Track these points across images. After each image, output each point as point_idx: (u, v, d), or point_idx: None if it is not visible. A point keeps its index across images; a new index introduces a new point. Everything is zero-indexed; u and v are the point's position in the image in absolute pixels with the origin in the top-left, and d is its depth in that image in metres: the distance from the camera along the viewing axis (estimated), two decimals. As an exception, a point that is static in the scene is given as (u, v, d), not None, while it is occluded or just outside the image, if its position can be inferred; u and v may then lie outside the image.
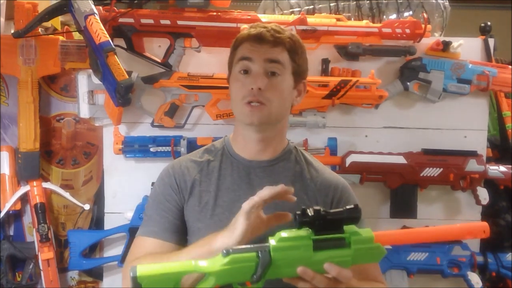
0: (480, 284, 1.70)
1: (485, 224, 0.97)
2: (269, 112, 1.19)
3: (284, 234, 0.95)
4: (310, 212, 0.94)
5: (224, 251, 0.94)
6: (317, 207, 0.95)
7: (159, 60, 1.68)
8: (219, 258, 0.94)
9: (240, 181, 1.24)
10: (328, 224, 0.94)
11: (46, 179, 1.76)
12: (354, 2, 1.79)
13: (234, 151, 1.28)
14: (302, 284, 0.96)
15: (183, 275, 0.93)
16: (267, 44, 1.20)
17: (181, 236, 1.25)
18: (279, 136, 1.29)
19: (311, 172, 1.28)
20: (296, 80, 1.25)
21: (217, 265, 0.93)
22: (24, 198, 1.71)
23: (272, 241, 0.95)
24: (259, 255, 0.93)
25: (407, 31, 1.68)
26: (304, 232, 0.95)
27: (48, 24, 1.84)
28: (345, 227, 0.96)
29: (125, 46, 1.65)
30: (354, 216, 0.95)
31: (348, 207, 0.96)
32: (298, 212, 0.95)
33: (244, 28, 1.27)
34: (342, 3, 1.80)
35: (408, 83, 1.73)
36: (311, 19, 1.67)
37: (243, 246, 0.96)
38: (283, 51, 1.21)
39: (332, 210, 0.95)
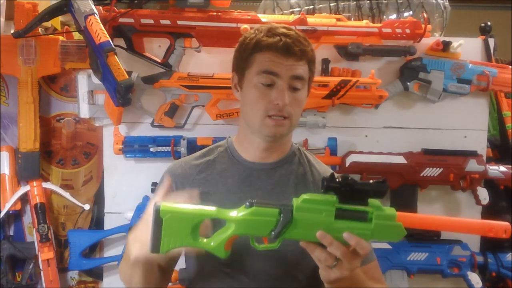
0: (480, 284, 1.70)
1: (507, 224, 0.97)
2: (290, 125, 1.19)
3: (309, 196, 0.97)
4: (338, 178, 0.95)
5: (248, 203, 0.97)
6: (346, 175, 0.96)
7: (159, 60, 1.68)
8: (242, 208, 0.97)
9: (241, 184, 1.22)
10: (354, 194, 0.95)
11: (46, 179, 1.77)
12: (354, 2, 1.79)
13: (238, 153, 1.27)
14: (318, 252, 0.97)
15: (204, 218, 0.98)
16: (293, 57, 1.15)
17: None
18: (286, 142, 1.28)
19: (314, 174, 1.27)
20: (308, 87, 1.24)
21: (239, 214, 0.97)
22: (24, 198, 1.72)
23: (296, 202, 0.96)
24: (282, 212, 0.95)
25: (407, 31, 1.68)
26: (329, 197, 0.96)
27: (48, 24, 1.84)
28: (370, 201, 0.97)
29: (125, 46, 1.65)
30: (380, 190, 0.96)
31: (376, 180, 0.96)
32: (326, 177, 0.96)
33: (252, 28, 1.22)
34: (342, 3, 1.80)
35: (408, 83, 1.73)
36: (311, 19, 1.67)
37: (268, 201, 0.98)
38: (305, 64, 1.18)
39: (359, 181, 0.96)
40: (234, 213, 0.98)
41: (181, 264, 1.34)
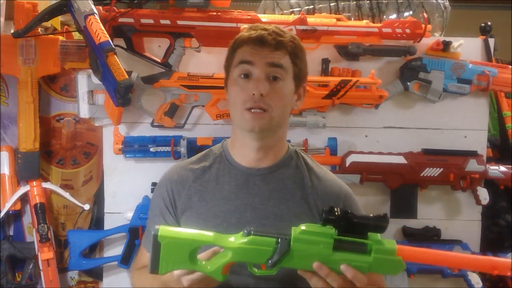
0: (480, 284, 1.70)
1: (510, 262, 0.96)
2: (270, 118, 1.16)
3: (307, 227, 0.97)
4: (337, 211, 0.95)
5: (245, 231, 0.97)
6: (345, 210, 0.96)
7: (159, 60, 1.68)
8: (239, 236, 0.98)
9: (238, 190, 1.21)
10: (353, 227, 0.95)
11: (46, 179, 1.76)
12: (354, 2, 1.79)
13: (232, 157, 1.26)
14: (315, 280, 0.96)
15: (201, 244, 0.98)
16: (269, 47, 1.16)
17: None
18: (279, 143, 1.26)
19: (313, 179, 1.25)
20: (296, 84, 1.22)
21: (236, 242, 0.97)
22: (24, 198, 1.71)
23: (294, 232, 0.96)
24: (279, 242, 0.95)
25: (407, 31, 1.68)
26: (327, 229, 0.96)
27: (48, 24, 1.84)
28: (370, 234, 0.96)
29: (125, 46, 1.65)
30: (380, 225, 0.95)
31: (376, 214, 0.96)
32: (325, 209, 0.96)
33: (244, 28, 1.25)
34: (342, 3, 1.80)
35: (408, 83, 1.73)
36: (311, 19, 1.67)
37: (265, 230, 0.98)
38: (285, 54, 1.17)
39: (359, 214, 0.96)
40: (232, 239, 0.98)
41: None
